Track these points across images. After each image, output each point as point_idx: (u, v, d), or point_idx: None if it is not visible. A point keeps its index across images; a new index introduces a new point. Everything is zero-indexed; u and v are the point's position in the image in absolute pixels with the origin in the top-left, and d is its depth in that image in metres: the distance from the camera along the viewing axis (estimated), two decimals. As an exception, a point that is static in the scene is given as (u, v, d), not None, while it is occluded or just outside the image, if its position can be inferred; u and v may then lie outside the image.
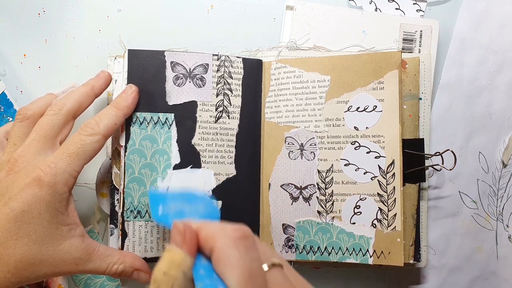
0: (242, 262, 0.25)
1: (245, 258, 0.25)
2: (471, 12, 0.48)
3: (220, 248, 0.25)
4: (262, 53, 0.45)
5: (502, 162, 0.49)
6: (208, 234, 0.27)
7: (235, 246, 0.25)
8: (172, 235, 0.27)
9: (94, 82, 0.39)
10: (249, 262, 0.25)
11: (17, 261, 0.32)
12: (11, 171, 0.34)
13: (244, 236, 0.26)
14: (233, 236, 0.26)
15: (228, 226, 0.27)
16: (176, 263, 0.25)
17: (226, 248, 0.25)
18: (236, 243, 0.26)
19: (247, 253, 0.25)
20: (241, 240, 0.26)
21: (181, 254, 0.26)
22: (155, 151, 0.40)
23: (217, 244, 0.26)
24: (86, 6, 0.45)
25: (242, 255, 0.25)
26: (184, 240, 0.26)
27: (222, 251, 0.25)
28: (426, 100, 0.45)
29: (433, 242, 0.48)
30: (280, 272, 0.27)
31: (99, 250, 0.35)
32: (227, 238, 0.26)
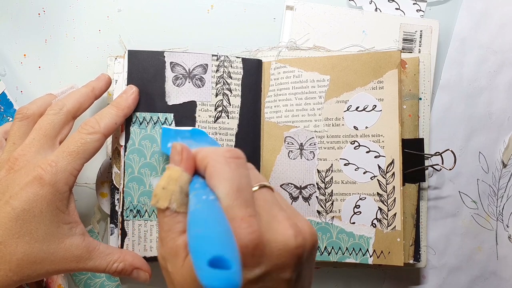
0: (231, 175, 0.27)
1: (234, 173, 0.27)
2: (471, 12, 0.48)
3: (212, 165, 0.27)
4: (262, 53, 0.46)
5: (502, 162, 0.49)
6: (203, 154, 0.29)
7: (226, 162, 0.27)
8: (171, 155, 0.29)
9: (94, 84, 0.40)
10: (238, 176, 0.27)
11: (19, 259, 0.32)
12: (11, 170, 0.34)
13: (235, 155, 0.28)
14: (225, 155, 0.28)
15: (222, 148, 0.29)
16: (173, 178, 0.27)
17: (217, 164, 0.27)
18: (227, 160, 0.27)
19: (237, 169, 0.27)
20: (232, 159, 0.28)
21: (178, 170, 0.28)
22: (155, 151, 0.40)
23: (210, 161, 0.28)
24: (86, 6, 0.45)
25: (231, 170, 0.27)
26: (181, 158, 0.29)
27: (213, 167, 0.27)
28: (426, 100, 0.45)
29: (433, 242, 0.48)
30: (269, 191, 0.29)
31: (100, 249, 0.36)
32: (220, 156, 0.28)
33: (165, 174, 0.28)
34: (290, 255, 0.26)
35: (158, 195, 0.27)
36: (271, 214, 0.27)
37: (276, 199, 0.29)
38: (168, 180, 0.27)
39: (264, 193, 0.28)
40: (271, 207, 0.27)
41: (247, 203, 0.26)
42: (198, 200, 0.26)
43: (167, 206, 0.27)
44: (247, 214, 0.25)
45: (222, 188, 0.26)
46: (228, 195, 0.26)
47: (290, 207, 0.29)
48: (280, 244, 0.26)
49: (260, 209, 0.27)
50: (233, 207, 0.25)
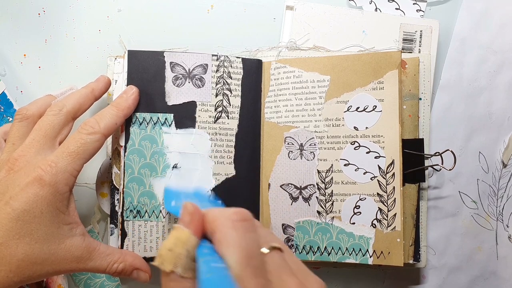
0: (240, 242, 0.26)
1: (243, 239, 0.26)
2: (471, 12, 0.48)
3: (220, 230, 0.27)
4: (262, 53, 0.46)
5: (502, 162, 0.49)
6: (211, 217, 0.28)
7: (234, 227, 0.26)
8: (181, 215, 0.28)
9: (94, 85, 0.40)
10: (247, 242, 0.26)
11: (19, 260, 0.32)
12: (11, 170, 0.34)
13: (243, 218, 0.27)
14: (232, 218, 0.27)
15: (229, 209, 0.28)
16: (181, 240, 0.26)
17: (225, 229, 0.26)
18: (235, 224, 0.27)
19: (245, 234, 0.26)
20: (240, 222, 0.27)
21: (187, 232, 0.27)
22: (155, 151, 0.40)
23: (218, 226, 0.27)
24: (86, 6, 0.45)
25: (240, 236, 0.26)
26: (191, 220, 0.28)
27: (221, 232, 0.26)
28: (426, 100, 0.45)
29: (433, 242, 0.48)
30: (279, 255, 0.28)
31: (100, 249, 0.36)
32: (227, 220, 0.27)
33: (172, 234, 0.27)
34: None
35: (164, 257, 0.26)
36: (282, 281, 0.26)
37: (287, 262, 0.28)
38: (176, 242, 0.26)
39: (274, 257, 0.27)
40: (282, 273, 0.27)
41: (257, 271, 0.26)
42: (209, 268, 0.25)
43: (172, 270, 0.26)
44: (258, 286, 0.25)
45: (232, 255, 0.25)
46: (238, 263, 0.25)
47: (300, 267, 0.29)
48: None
49: (270, 276, 0.26)
50: (244, 277, 0.25)
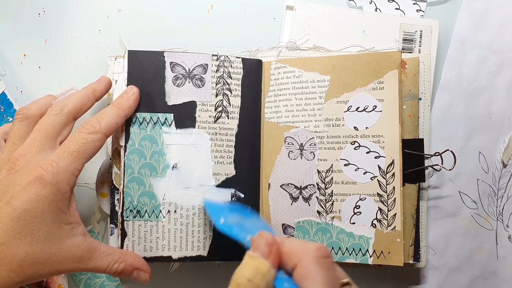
0: (326, 280, 0.26)
1: (328, 276, 0.27)
2: (471, 12, 0.48)
3: (305, 266, 0.27)
4: (262, 53, 0.46)
5: (502, 162, 0.49)
6: (292, 249, 0.28)
7: (319, 264, 0.27)
8: (258, 244, 0.28)
9: (95, 86, 0.40)
10: (331, 280, 0.27)
11: (20, 260, 0.32)
12: (12, 170, 0.34)
13: (326, 255, 0.28)
14: (317, 255, 0.27)
15: (311, 244, 0.28)
16: (261, 272, 0.26)
17: (311, 266, 0.27)
18: (320, 261, 0.27)
19: (329, 271, 0.27)
20: (324, 259, 0.27)
21: (267, 264, 0.27)
22: (155, 151, 0.40)
23: (303, 261, 0.27)
24: (86, 6, 0.45)
25: (326, 273, 0.27)
26: (270, 251, 0.28)
27: (307, 268, 0.27)
28: (426, 100, 0.45)
29: (433, 242, 0.48)
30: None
31: (101, 249, 0.36)
32: (311, 257, 0.27)
33: (250, 263, 0.27)
34: None
35: (242, 286, 0.26)
36: None
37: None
38: (255, 273, 0.26)
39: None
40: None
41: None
42: None
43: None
44: None
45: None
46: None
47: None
48: None
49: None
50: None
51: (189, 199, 0.41)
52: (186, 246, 0.41)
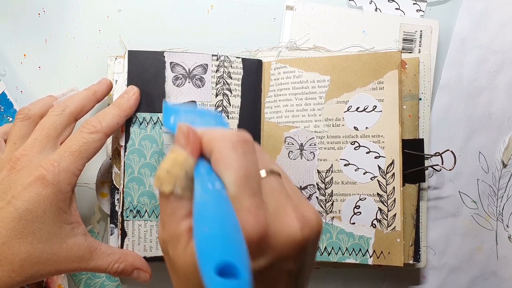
0: (238, 163, 0.25)
1: (242, 160, 0.26)
2: (471, 12, 0.48)
3: (219, 150, 0.26)
4: (262, 53, 0.46)
5: (502, 162, 0.49)
6: (210, 137, 0.27)
7: (234, 148, 0.26)
8: (177, 137, 0.28)
9: (96, 87, 0.40)
10: (245, 164, 0.26)
11: (22, 260, 0.32)
12: (13, 169, 0.34)
13: (243, 140, 0.27)
14: (232, 139, 0.26)
15: (229, 131, 0.28)
16: (179, 162, 0.26)
17: (224, 150, 0.26)
18: (234, 145, 0.26)
19: (245, 155, 0.26)
20: (240, 143, 0.26)
21: (183, 154, 0.27)
22: (155, 151, 0.40)
23: (216, 146, 0.26)
24: (86, 6, 0.45)
25: (239, 156, 0.26)
26: (187, 141, 0.27)
27: (220, 153, 0.26)
28: (426, 101, 0.45)
29: (433, 242, 0.48)
30: (276, 179, 0.28)
31: (101, 249, 0.36)
32: (226, 141, 0.26)
33: (169, 156, 0.27)
34: (295, 247, 0.25)
35: (162, 178, 0.26)
36: (278, 204, 0.26)
37: (284, 186, 0.28)
38: (173, 164, 0.26)
39: (271, 181, 0.27)
40: (278, 196, 0.27)
41: (254, 192, 0.25)
42: (204, 189, 0.25)
43: (171, 191, 0.26)
44: (254, 205, 0.25)
45: (229, 175, 0.25)
46: (235, 183, 0.25)
47: (297, 194, 0.29)
48: (286, 236, 0.25)
49: (267, 198, 0.26)
50: (240, 196, 0.25)
51: (189, 199, 0.41)
52: (186, 246, 0.41)
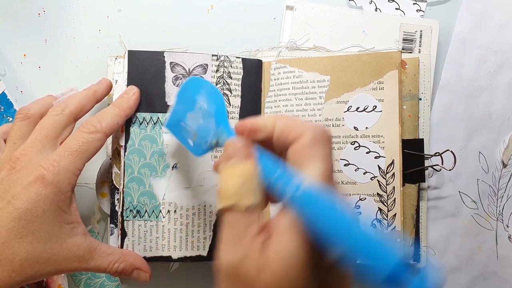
0: (329, 158, 0.26)
1: (331, 156, 0.26)
2: (471, 12, 0.48)
3: (310, 141, 0.26)
4: (262, 53, 0.46)
5: (502, 162, 0.49)
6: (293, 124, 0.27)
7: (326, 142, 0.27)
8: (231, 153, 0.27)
9: (96, 87, 0.40)
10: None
11: (22, 260, 0.32)
12: (13, 169, 0.34)
13: (330, 137, 0.27)
14: (324, 134, 0.27)
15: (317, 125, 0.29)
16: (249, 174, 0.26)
17: (316, 142, 0.26)
18: (327, 140, 0.27)
19: (331, 152, 0.27)
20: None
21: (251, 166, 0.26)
22: (155, 151, 0.40)
23: (307, 135, 0.26)
24: (86, 6, 0.45)
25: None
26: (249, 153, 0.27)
27: (312, 144, 0.26)
28: (426, 101, 0.45)
29: (433, 242, 0.48)
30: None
31: (101, 249, 0.36)
32: (319, 133, 0.26)
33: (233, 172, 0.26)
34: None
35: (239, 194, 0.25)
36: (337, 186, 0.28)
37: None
38: (244, 177, 0.25)
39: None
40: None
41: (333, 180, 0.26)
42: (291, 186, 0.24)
43: (250, 205, 0.25)
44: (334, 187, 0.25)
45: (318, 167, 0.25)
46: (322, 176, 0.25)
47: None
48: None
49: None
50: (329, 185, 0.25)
51: (189, 199, 0.41)
52: (186, 246, 0.41)
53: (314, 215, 0.23)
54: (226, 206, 0.25)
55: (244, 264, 0.24)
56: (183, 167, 0.41)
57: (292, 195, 0.24)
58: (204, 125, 0.33)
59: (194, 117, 0.34)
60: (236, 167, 0.26)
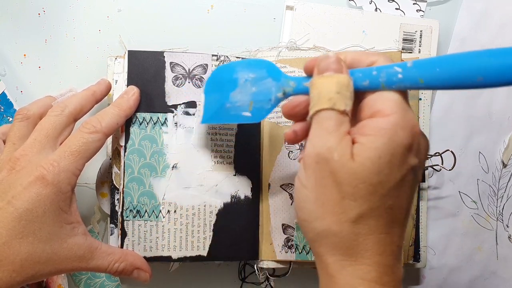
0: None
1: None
2: (471, 12, 0.48)
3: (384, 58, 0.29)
4: (262, 53, 0.46)
5: (502, 162, 0.49)
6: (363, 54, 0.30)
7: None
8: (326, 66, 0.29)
9: (95, 88, 0.40)
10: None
11: (22, 260, 0.32)
12: (13, 170, 0.34)
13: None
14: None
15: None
16: (344, 84, 0.28)
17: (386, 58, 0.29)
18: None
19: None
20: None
21: (346, 77, 0.28)
22: (155, 151, 0.40)
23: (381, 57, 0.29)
24: (86, 6, 0.45)
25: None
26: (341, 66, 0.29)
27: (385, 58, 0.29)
28: (426, 101, 0.45)
29: (433, 242, 0.48)
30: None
31: (101, 248, 0.36)
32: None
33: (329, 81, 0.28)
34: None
35: (334, 99, 0.27)
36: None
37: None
38: (340, 86, 0.28)
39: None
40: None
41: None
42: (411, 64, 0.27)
43: (344, 109, 0.27)
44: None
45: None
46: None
47: None
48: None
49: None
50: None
51: (189, 199, 0.41)
52: (186, 246, 0.41)
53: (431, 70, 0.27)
54: (324, 107, 0.28)
55: (334, 152, 0.27)
56: (183, 167, 0.41)
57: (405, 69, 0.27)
58: (260, 89, 0.35)
59: (242, 92, 0.36)
60: (332, 77, 0.28)
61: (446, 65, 0.26)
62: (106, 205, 0.43)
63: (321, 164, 0.27)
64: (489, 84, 0.25)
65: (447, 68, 0.26)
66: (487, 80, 0.25)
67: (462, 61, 0.25)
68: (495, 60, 0.24)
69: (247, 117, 0.35)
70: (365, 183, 0.26)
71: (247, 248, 0.42)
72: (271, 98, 0.34)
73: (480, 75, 0.25)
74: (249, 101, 0.35)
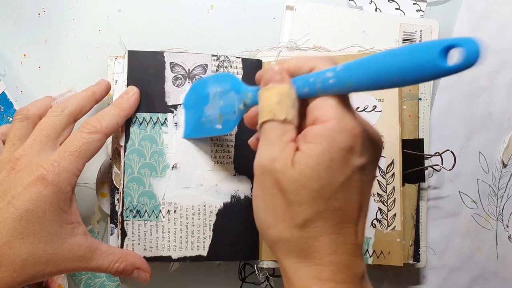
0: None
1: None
2: (471, 12, 0.48)
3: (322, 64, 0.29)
4: (262, 53, 0.46)
5: (502, 162, 0.49)
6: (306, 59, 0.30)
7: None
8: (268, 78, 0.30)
9: (95, 88, 0.40)
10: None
11: (23, 260, 0.32)
12: (13, 170, 0.34)
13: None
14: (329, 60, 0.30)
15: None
16: (285, 94, 0.28)
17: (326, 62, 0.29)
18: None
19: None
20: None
21: (286, 86, 0.29)
22: (154, 151, 0.40)
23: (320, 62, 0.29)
24: (86, 6, 0.45)
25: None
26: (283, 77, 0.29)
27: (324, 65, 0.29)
28: (426, 101, 0.45)
29: (433, 242, 0.48)
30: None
31: (102, 248, 0.36)
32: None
33: (270, 92, 0.29)
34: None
35: (274, 110, 0.28)
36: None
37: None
38: (280, 96, 0.28)
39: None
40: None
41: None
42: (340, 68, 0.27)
43: (285, 118, 0.28)
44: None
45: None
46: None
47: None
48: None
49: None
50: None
51: (189, 199, 0.41)
52: (186, 246, 0.41)
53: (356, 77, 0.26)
54: (265, 119, 0.29)
55: (275, 162, 0.27)
56: (183, 167, 0.41)
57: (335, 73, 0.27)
58: (225, 102, 0.35)
59: (212, 105, 0.37)
60: (273, 88, 0.29)
61: (366, 66, 0.26)
62: (106, 205, 0.43)
63: (265, 175, 0.28)
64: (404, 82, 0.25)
65: (368, 69, 0.26)
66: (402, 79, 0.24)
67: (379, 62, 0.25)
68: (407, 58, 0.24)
69: (219, 130, 0.36)
70: (306, 189, 0.27)
71: (247, 248, 0.42)
72: (235, 110, 0.34)
73: (396, 75, 0.24)
74: (219, 114, 0.36)
